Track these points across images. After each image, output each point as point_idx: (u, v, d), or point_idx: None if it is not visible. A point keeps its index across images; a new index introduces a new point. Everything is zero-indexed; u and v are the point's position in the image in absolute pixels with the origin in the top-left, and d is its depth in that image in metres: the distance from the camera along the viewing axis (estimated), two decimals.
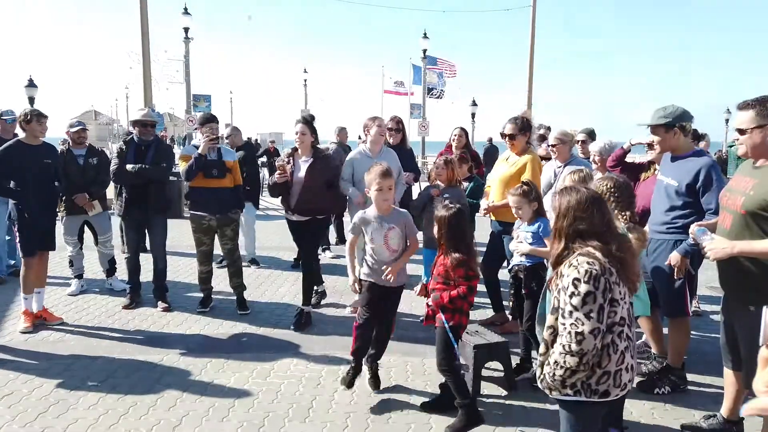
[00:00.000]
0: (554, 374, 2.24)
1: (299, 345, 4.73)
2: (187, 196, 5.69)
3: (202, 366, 4.28)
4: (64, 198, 5.82)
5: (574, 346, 2.14)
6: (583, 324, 2.13)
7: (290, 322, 5.19)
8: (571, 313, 2.16)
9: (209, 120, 5.60)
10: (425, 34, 23.42)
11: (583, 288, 2.15)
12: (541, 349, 2.37)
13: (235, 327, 5.16)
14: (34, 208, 4.96)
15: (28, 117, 5.01)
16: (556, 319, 2.27)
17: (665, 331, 4.16)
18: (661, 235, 3.79)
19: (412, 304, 5.42)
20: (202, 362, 4.34)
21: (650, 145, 4.19)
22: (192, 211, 5.50)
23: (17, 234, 5.07)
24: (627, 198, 3.63)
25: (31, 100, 19.65)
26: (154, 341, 4.80)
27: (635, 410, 3.65)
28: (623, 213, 3.54)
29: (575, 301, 2.16)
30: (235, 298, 5.66)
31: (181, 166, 5.42)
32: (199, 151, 5.28)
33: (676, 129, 3.72)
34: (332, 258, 7.89)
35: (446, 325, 3.40)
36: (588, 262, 2.19)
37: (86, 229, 6.26)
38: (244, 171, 6.34)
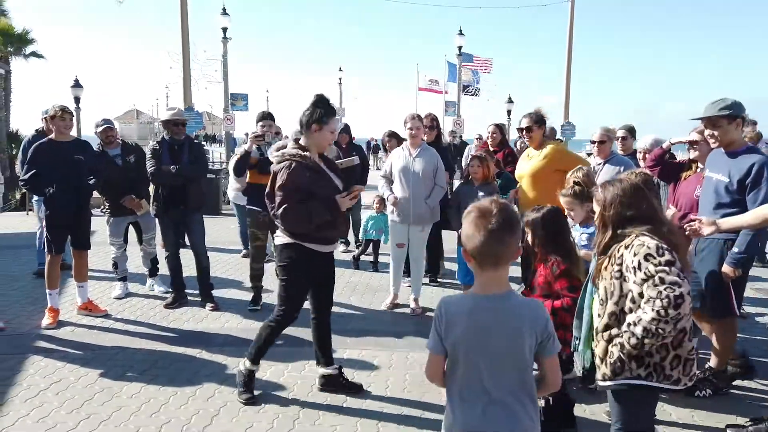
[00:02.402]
0: (641, 343, 2.18)
1: (332, 342, 4.76)
2: (245, 192, 5.75)
3: (238, 359, 4.34)
4: (108, 201, 5.89)
5: (671, 311, 2.08)
6: (679, 287, 2.10)
7: None
8: (662, 279, 2.12)
9: (264, 117, 5.65)
10: (461, 30, 23.25)
11: (662, 259, 2.16)
12: (605, 334, 2.35)
13: None
14: (62, 205, 5.05)
15: (53, 113, 5.08)
16: (616, 303, 2.29)
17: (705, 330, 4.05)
18: (710, 235, 3.69)
19: None
20: (238, 356, 4.41)
21: (692, 143, 4.08)
22: (249, 206, 5.56)
23: (44, 229, 5.14)
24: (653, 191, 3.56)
25: (77, 99, 20.24)
26: (193, 335, 4.92)
27: (675, 413, 3.57)
28: None
29: (661, 268, 2.14)
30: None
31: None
32: (245, 147, 5.32)
33: (738, 120, 3.61)
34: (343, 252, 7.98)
35: None
36: (652, 238, 2.23)
37: (130, 228, 6.26)
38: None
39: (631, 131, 6.19)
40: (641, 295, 2.19)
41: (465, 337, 1.84)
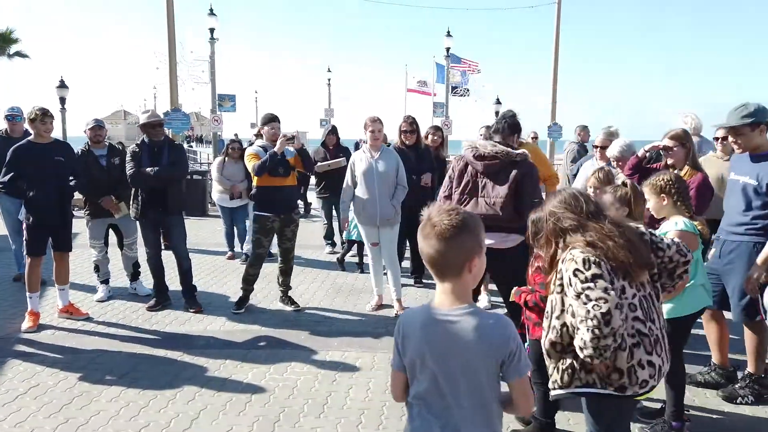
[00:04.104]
0: (595, 358, 2.13)
1: (316, 343, 4.77)
2: (252, 197, 5.59)
3: (220, 362, 4.35)
4: (88, 202, 5.81)
5: (605, 329, 2.05)
6: (606, 302, 2.07)
7: (307, 321, 5.28)
8: (588, 297, 2.10)
9: (272, 120, 5.52)
10: (449, 32, 23.32)
11: (588, 273, 2.12)
12: (551, 350, 2.33)
13: (253, 325, 5.22)
14: (43, 207, 4.99)
15: (33, 116, 4.99)
16: (557, 317, 2.26)
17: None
18: (738, 237, 3.65)
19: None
20: (220, 358, 4.41)
21: (667, 149, 4.08)
22: (257, 212, 5.45)
23: (24, 232, 5.09)
24: (686, 190, 3.41)
25: (62, 100, 20.01)
26: (175, 338, 4.90)
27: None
28: (686, 204, 3.31)
29: (586, 285, 2.11)
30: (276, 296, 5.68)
31: (249, 164, 5.40)
32: (276, 149, 5.20)
33: (762, 126, 3.59)
34: (329, 254, 7.99)
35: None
36: (582, 251, 2.19)
37: (111, 231, 6.15)
38: None
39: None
40: (584, 303, 2.14)
41: (419, 352, 1.72)
